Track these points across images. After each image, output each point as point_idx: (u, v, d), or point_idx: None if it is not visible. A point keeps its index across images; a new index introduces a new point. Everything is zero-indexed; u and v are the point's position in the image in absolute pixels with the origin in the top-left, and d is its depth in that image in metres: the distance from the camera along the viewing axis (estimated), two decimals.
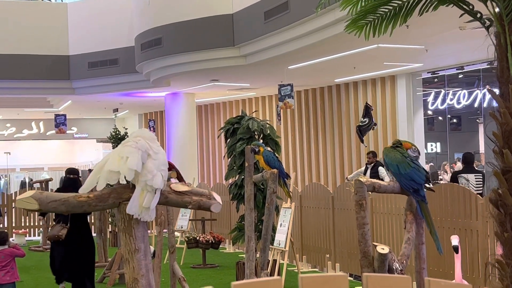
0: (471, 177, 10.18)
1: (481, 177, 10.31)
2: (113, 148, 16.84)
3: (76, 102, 21.13)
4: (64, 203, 3.27)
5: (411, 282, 1.53)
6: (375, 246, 4.43)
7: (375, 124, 14.61)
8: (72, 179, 9.22)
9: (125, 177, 3.35)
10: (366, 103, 14.21)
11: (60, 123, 20.09)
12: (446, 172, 20.49)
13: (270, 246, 8.57)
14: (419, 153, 5.19)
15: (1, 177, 30.83)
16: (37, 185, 16.69)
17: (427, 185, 4.96)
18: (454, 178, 10.36)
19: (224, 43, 14.46)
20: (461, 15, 4.53)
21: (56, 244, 9.17)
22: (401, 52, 13.28)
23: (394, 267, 4.45)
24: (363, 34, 4.84)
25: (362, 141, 15.15)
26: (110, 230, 14.98)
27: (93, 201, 3.32)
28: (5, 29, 18.47)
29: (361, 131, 14.85)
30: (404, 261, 4.62)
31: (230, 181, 10.85)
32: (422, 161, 15.33)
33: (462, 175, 10.26)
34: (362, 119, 14.27)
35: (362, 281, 1.48)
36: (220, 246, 12.53)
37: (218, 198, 3.51)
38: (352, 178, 12.73)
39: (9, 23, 18.56)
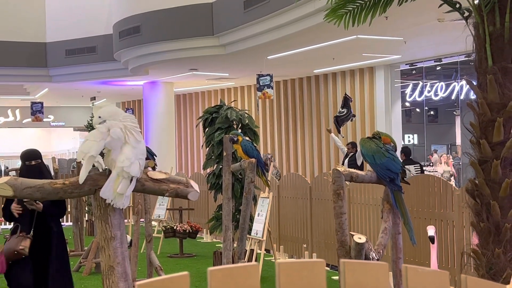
0: (411, 168, 11.62)
1: (419, 167, 11.89)
2: None
3: (53, 90, 20.92)
4: (39, 189, 3.23)
5: (388, 269, 1.53)
6: (352, 235, 4.44)
7: (354, 116, 14.66)
8: (34, 166, 6.21)
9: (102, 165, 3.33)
10: (345, 94, 14.22)
11: (36, 111, 19.89)
12: (441, 163, 20.66)
13: (248, 236, 8.57)
14: (395, 150, 5.21)
15: None
16: (12, 173, 16.51)
17: (403, 178, 4.97)
18: None
19: (203, 32, 14.39)
20: (440, 5, 4.54)
21: (17, 263, 6.19)
22: (379, 43, 13.32)
23: (370, 257, 4.46)
24: (343, 23, 4.84)
25: (339, 132, 15.20)
26: (86, 219, 14.88)
27: (69, 188, 3.29)
28: None
29: (338, 121, 14.88)
30: (381, 251, 4.64)
31: (208, 170, 10.82)
32: (398, 153, 15.38)
33: (405, 166, 10.73)
34: (340, 109, 14.31)
35: (339, 267, 1.48)
36: (197, 235, 12.51)
37: (195, 186, 3.49)
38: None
39: None
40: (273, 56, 14.52)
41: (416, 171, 11.59)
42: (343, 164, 12.77)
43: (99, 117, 3.67)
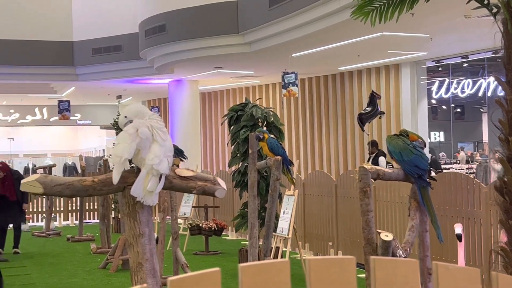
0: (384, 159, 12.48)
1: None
2: (117, 135, 16.85)
3: (80, 89, 21.12)
4: (68, 187, 3.27)
5: (418, 267, 1.53)
6: (379, 233, 4.43)
7: (383, 113, 14.56)
8: None
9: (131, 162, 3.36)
10: (372, 91, 14.12)
11: (63, 109, 20.08)
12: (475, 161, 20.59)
13: (273, 234, 8.58)
14: (424, 145, 5.20)
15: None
16: (40, 171, 16.72)
17: (431, 174, 4.95)
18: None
19: (228, 30, 14.42)
20: (468, 2, 4.50)
21: None
22: (405, 40, 13.24)
23: (397, 254, 4.45)
24: (369, 20, 4.82)
25: (363, 130, 15.14)
26: (113, 216, 15.00)
27: (98, 185, 3.32)
28: (9, 15, 18.44)
29: (362, 119, 14.82)
30: (408, 249, 4.62)
31: (233, 168, 10.85)
32: (426, 150, 15.28)
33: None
34: (366, 107, 14.25)
35: (368, 265, 1.48)
36: (223, 233, 12.54)
37: (222, 183, 3.51)
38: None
39: (14, 9, 18.52)
40: (298, 53, 14.50)
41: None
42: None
43: (125, 116, 3.70)
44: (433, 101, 21.09)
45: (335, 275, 1.31)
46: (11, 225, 11.96)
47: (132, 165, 3.54)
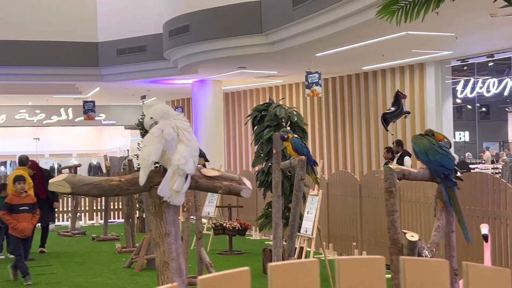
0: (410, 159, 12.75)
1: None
2: (141, 135, 16.97)
3: (105, 89, 21.28)
4: (96, 186, 3.30)
5: (448, 267, 1.52)
6: (405, 233, 4.41)
7: (408, 112, 14.45)
8: None
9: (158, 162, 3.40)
10: (397, 90, 14.02)
11: (88, 110, 20.25)
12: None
13: (297, 234, 8.57)
14: (450, 146, 5.16)
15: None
16: (66, 171, 16.88)
17: (457, 174, 4.92)
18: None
19: (252, 30, 14.43)
20: (495, 0, 4.46)
21: None
22: (430, 39, 13.15)
23: (423, 255, 4.43)
24: (395, 19, 4.81)
25: (387, 130, 15.06)
26: (137, 216, 15.09)
27: (125, 185, 3.35)
28: (35, 16, 18.64)
29: (386, 119, 14.75)
30: (434, 249, 4.60)
31: (257, 168, 10.85)
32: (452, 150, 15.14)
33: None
34: (391, 107, 14.16)
35: (397, 265, 1.47)
36: (246, 233, 12.56)
37: (248, 183, 3.52)
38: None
39: (40, 10, 18.72)
40: (322, 53, 14.48)
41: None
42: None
43: (151, 118, 3.71)
44: (458, 101, 20.93)
45: (364, 275, 1.31)
46: (38, 224, 12.08)
47: (157, 164, 3.56)
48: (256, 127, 10.32)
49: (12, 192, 9.50)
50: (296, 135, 8.46)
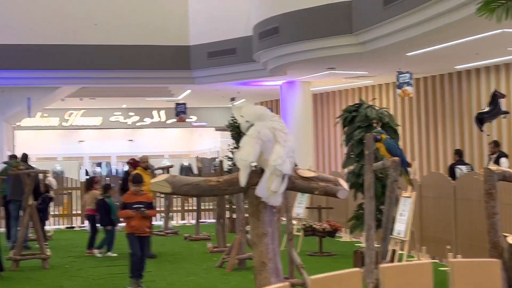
0: (463, 167, 13.20)
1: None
2: (231, 137, 17.18)
3: (196, 91, 21.67)
4: (195, 187, 3.37)
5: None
6: (505, 237, 4.28)
7: (507, 112, 13.99)
8: None
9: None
10: (495, 90, 13.58)
11: (180, 112, 20.69)
12: None
13: (390, 236, 8.45)
14: None
15: (124, 164, 32.17)
16: (159, 171, 17.31)
17: None
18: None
19: (342, 31, 14.34)
20: None
21: None
22: None
23: None
24: (486, 17, 4.67)
25: (481, 130, 14.63)
26: (228, 216, 15.28)
27: (223, 185, 3.41)
28: (129, 21, 19.21)
29: (481, 119, 14.33)
30: None
31: (346, 170, 10.78)
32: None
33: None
34: (486, 107, 13.75)
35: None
36: (336, 234, 12.49)
37: (344, 184, 3.51)
38: None
39: (133, 15, 19.29)
40: (413, 52, 14.22)
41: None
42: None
43: (247, 121, 3.72)
44: None
45: (479, 278, 1.29)
46: None
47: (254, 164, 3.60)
48: (346, 128, 10.26)
49: (128, 191, 9.42)
50: (388, 136, 8.35)
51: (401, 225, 9.17)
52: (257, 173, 3.47)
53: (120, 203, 9.66)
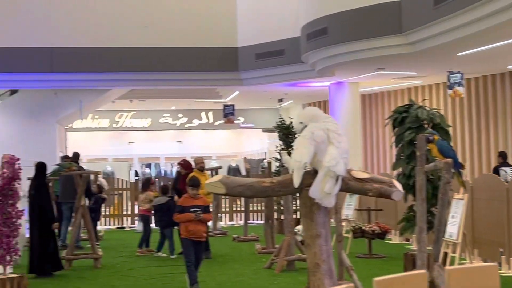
0: (508, 170, 13.19)
1: None
2: (279, 138, 17.19)
3: (243, 93, 21.74)
4: (249, 188, 3.39)
5: None
6: None
7: None
8: None
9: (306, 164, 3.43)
10: None
11: (228, 113, 20.78)
12: None
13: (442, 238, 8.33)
14: None
15: (173, 165, 32.54)
16: (208, 173, 17.42)
17: None
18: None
19: (391, 31, 14.21)
20: None
21: None
22: None
23: None
24: None
25: None
26: (276, 217, 15.29)
27: (277, 187, 3.42)
28: (178, 23, 19.40)
29: None
30: None
31: (395, 172, 10.67)
32: None
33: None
34: None
35: None
36: (386, 236, 12.38)
37: (399, 185, 3.48)
38: None
39: (182, 18, 19.46)
40: (464, 52, 14.00)
41: None
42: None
43: (300, 122, 3.75)
44: None
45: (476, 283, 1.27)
46: None
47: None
48: (396, 129, 10.16)
49: (185, 194, 9.25)
50: (440, 137, 8.24)
51: (453, 227, 9.05)
52: (310, 175, 3.47)
53: (176, 206, 9.41)
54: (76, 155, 15.07)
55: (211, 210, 13.52)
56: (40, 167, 10.83)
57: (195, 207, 8.78)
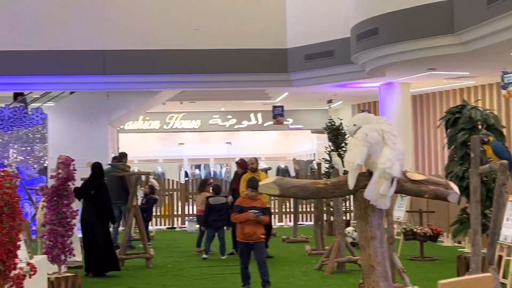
0: None
1: None
2: (328, 139, 17.13)
3: (292, 94, 21.72)
4: (303, 189, 3.39)
5: None
6: None
7: None
8: None
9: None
10: None
11: (277, 115, 20.79)
12: None
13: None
14: None
15: (222, 166, 32.77)
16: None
17: None
18: None
19: (443, 31, 14.00)
20: None
21: None
22: None
23: None
24: None
25: None
26: (325, 219, 15.24)
27: (330, 188, 3.41)
28: (227, 25, 19.49)
29: None
30: None
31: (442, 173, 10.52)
32: None
33: None
34: None
35: None
36: (438, 239, 12.22)
37: (455, 187, 3.43)
38: None
39: (232, 20, 19.55)
40: None
41: None
42: None
43: (354, 124, 3.75)
44: None
45: None
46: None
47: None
48: (449, 130, 10.02)
49: (243, 195, 9.28)
50: (495, 138, 8.09)
51: (508, 230, 8.86)
52: (365, 176, 3.45)
53: (234, 206, 9.36)
54: (123, 155, 15.26)
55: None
56: (97, 167, 11.00)
57: (253, 208, 8.74)
